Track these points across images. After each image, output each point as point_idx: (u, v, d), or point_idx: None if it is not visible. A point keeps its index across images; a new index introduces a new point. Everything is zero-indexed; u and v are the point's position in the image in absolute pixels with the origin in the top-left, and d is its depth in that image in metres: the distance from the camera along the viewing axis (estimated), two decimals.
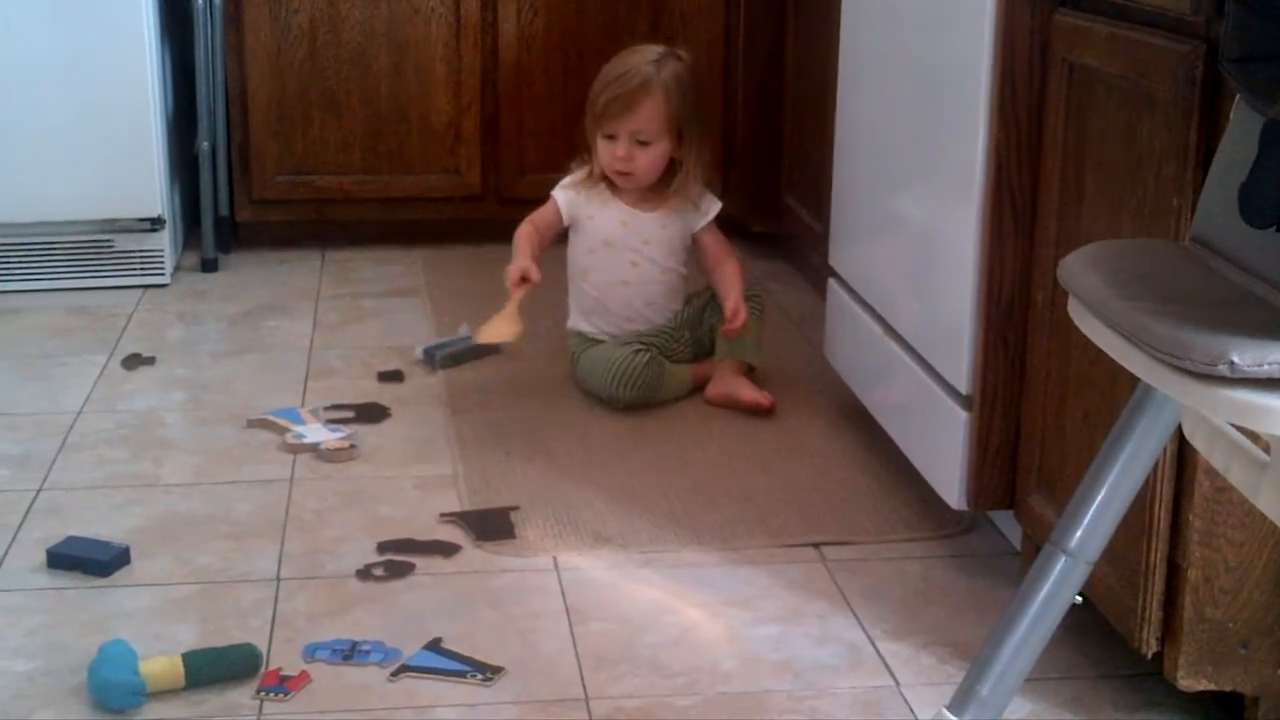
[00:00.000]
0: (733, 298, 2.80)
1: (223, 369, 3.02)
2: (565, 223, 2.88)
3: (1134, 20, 1.79)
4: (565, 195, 2.88)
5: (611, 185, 2.87)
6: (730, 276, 2.85)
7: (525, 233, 2.86)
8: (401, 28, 3.69)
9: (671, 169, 2.86)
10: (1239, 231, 1.32)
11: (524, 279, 2.77)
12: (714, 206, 2.90)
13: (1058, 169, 1.98)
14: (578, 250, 2.90)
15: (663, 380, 2.79)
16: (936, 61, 2.26)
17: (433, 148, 3.75)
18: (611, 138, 2.81)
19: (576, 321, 2.91)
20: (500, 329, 2.74)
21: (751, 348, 2.84)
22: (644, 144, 2.79)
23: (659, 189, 2.87)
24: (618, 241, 2.85)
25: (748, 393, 2.76)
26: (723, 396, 2.78)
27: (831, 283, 2.79)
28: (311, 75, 3.68)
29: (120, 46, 3.36)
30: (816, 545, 2.29)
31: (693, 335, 2.90)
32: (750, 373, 2.84)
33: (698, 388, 2.85)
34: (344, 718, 1.85)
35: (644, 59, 2.82)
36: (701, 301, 2.92)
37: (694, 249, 2.91)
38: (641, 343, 2.80)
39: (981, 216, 2.11)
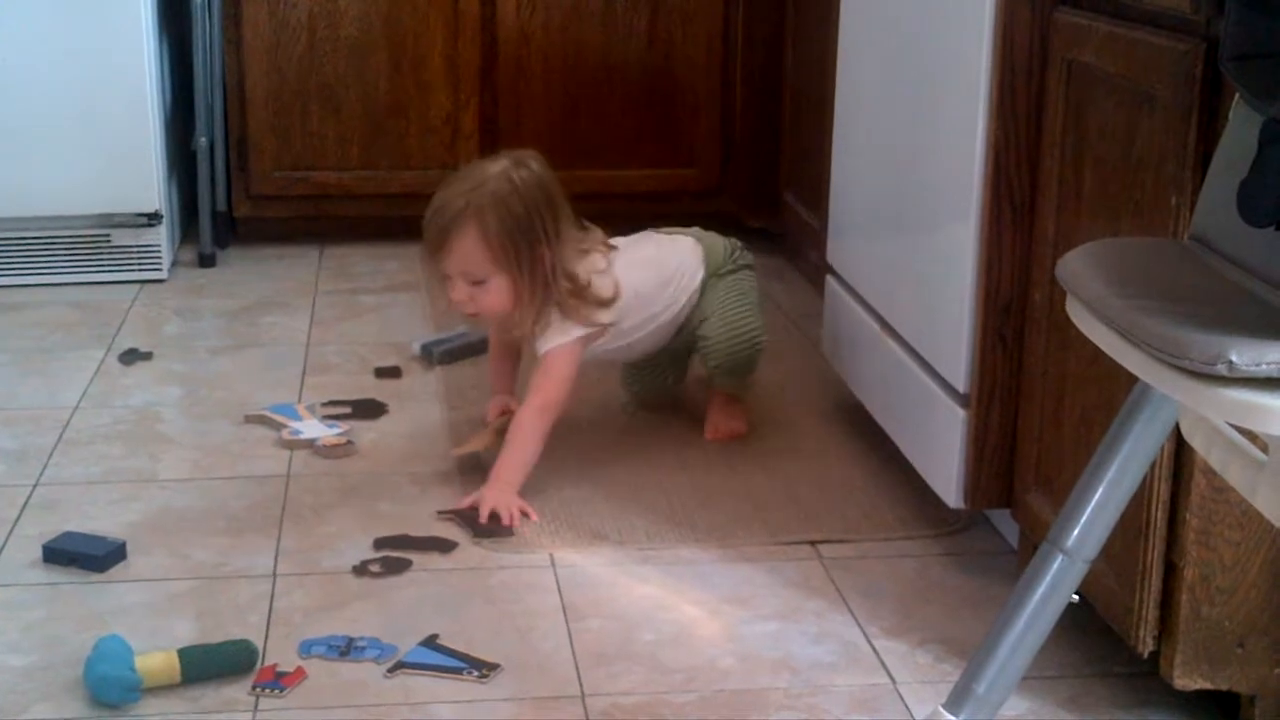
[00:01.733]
0: (489, 490, 2.36)
1: (220, 364, 3.02)
2: None
3: (1133, 19, 1.79)
4: None
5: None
6: (511, 433, 2.44)
7: (496, 347, 2.67)
8: (400, 22, 3.69)
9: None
10: (1238, 230, 1.32)
11: (505, 411, 2.60)
12: (554, 340, 2.47)
13: (1056, 167, 1.98)
14: None
15: (669, 380, 2.78)
16: (935, 58, 2.26)
17: (431, 143, 3.75)
18: (449, 278, 2.47)
19: None
20: (472, 442, 2.54)
21: (743, 383, 2.70)
22: (479, 283, 2.44)
23: (516, 333, 2.55)
24: None
25: (710, 429, 2.67)
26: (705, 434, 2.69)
27: (829, 280, 2.79)
28: (309, 70, 3.68)
29: (118, 42, 3.36)
30: (814, 543, 2.29)
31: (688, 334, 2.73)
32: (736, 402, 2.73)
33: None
34: (340, 714, 1.85)
35: (466, 187, 2.44)
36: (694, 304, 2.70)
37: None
38: (651, 366, 2.75)
39: (980, 214, 2.11)
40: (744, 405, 2.73)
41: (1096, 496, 1.48)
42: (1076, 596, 1.54)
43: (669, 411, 2.78)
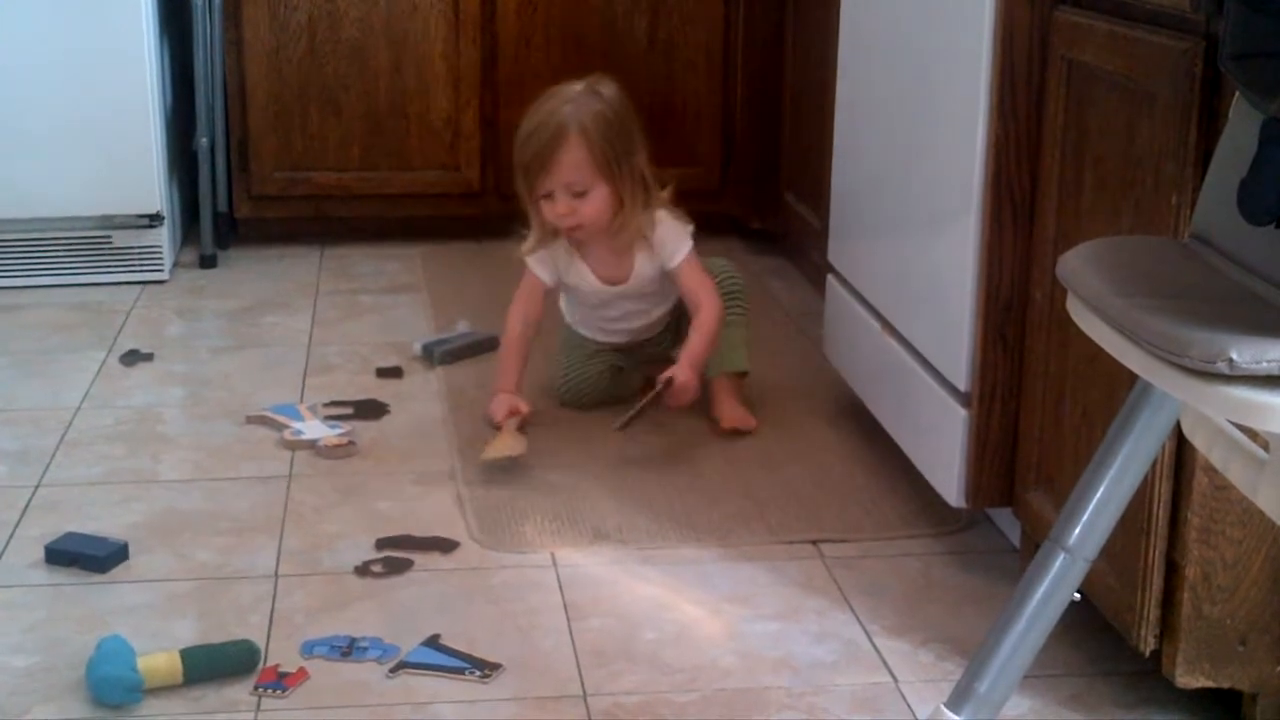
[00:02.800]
0: (681, 365, 2.60)
1: (221, 365, 3.02)
2: (552, 284, 2.75)
3: (1133, 18, 1.79)
4: (539, 262, 2.74)
5: (572, 239, 2.72)
6: (696, 334, 2.65)
7: (513, 339, 2.72)
8: (400, 24, 3.69)
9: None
10: (1238, 229, 1.32)
11: (513, 412, 2.65)
12: (683, 246, 2.69)
13: (1057, 166, 1.98)
14: (566, 297, 2.82)
15: (615, 388, 2.79)
16: (936, 58, 2.26)
17: (431, 144, 3.76)
18: (549, 195, 2.62)
19: (572, 321, 2.88)
20: (502, 445, 2.54)
21: (739, 355, 2.76)
22: (581, 194, 2.60)
23: (621, 237, 2.69)
24: (601, 306, 2.77)
25: (726, 418, 2.69)
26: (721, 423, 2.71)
27: (830, 280, 2.79)
28: (310, 71, 3.68)
29: (120, 43, 3.36)
30: (815, 542, 2.29)
31: (675, 332, 2.82)
32: (743, 377, 2.79)
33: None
34: (342, 714, 1.85)
35: (557, 104, 2.61)
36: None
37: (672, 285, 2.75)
38: (614, 354, 2.78)
39: (980, 213, 2.11)
40: (746, 395, 2.76)
41: (1098, 495, 1.48)
42: (1078, 595, 1.54)
43: (670, 412, 2.78)
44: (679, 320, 2.81)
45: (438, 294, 3.45)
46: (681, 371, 2.60)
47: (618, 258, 2.72)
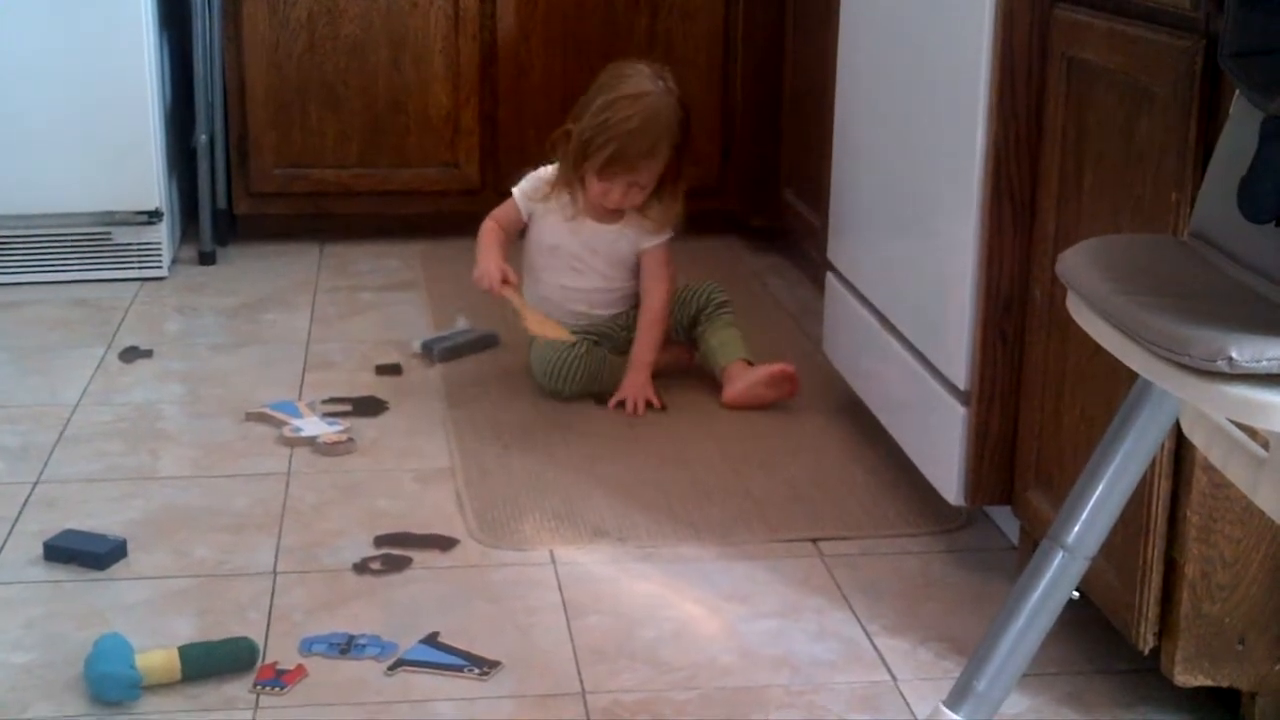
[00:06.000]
0: (631, 376, 2.79)
1: (220, 362, 3.02)
2: (524, 219, 2.89)
3: (1133, 15, 1.79)
4: (523, 195, 2.89)
5: (574, 195, 2.85)
6: (641, 335, 2.82)
7: (491, 228, 2.89)
8: (400, 20, 3.69)
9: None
10: (1238, 226, 1.32)
11: (505, 280, 2.81)
12: (665, 234, 2.86)
13: (1057, 164, 1.98)
14: (530, 247, 2.92)
15: (604, 371, 2.81)
16: (935, 56, 2.26)
17: (431, 141, 3.75)
18: (609, 179, 2.79)
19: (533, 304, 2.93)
20: (553, 329, 2.78)
21: (740, 347, 2.84)
22: (638, 187, 2.81)
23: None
24: (563, 246, 2.86)
25: (763, 372, 2.76)
26: (742, 393, 2.76)
27: (830, 277, 2.79)
28: (310, 68, 3.68)
29: (119, 39, 3.36)
30: (814, 540, 2.29)
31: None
32: (749, 363, 2.83)
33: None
34: (340, 711, 1.85)
35: (652, 109, 2.76)
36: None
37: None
38: (586, 334, 2.83)
39: (980, 211, 2.11)
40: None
41: (1097, 493, 1.48)
42: (1077, 593, 1.54)
43: (669, 408, 2.78)
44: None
45: (437, 291, 3.45)
46: (627, 388, 2.77)
47: (607, 217, 2.86)
